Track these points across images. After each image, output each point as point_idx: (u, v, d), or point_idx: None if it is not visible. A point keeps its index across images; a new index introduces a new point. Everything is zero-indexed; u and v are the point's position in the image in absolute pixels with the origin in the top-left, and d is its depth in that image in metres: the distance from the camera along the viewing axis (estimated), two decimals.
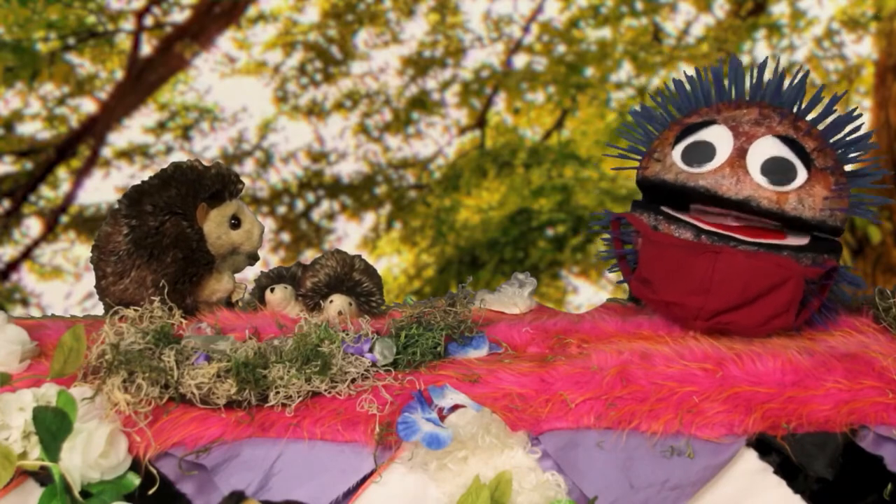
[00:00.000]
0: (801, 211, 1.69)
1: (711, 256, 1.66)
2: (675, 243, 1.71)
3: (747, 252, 1.67)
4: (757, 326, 1.66)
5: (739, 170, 1.69)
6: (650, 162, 1.79)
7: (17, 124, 7.09)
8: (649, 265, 1.73)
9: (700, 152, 1.73)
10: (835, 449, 1.49)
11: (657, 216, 1.75)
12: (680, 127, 1.79)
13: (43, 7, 7.01)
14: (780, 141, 1.71)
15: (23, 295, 6.95)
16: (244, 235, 1.83)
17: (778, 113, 1.75)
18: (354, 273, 1.79)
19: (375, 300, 1.80)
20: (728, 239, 1.69)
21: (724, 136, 1.73)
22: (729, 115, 1.76)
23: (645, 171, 1.80)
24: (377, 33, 7.58)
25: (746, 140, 1.71)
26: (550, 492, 1.46)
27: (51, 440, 1.46)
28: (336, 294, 1.78)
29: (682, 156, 1.74)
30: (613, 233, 1.84)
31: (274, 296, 1.81)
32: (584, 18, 7.47)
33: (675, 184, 1.73)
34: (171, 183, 1.77)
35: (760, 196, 1.68)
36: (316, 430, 1.51)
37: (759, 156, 1.70)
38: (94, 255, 1.79)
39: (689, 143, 1.74)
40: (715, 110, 1.78)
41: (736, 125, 1.74)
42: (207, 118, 7.53)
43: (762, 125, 1.73)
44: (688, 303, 1.67)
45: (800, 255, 1.70)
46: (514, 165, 7.22)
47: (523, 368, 1.60)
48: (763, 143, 1.71)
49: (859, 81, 7.03)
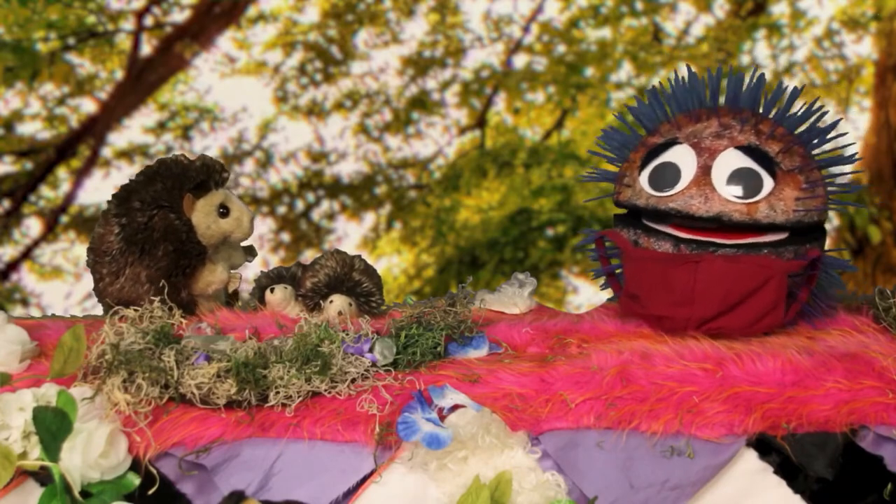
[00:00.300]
0: (773, 217, 1.69)
1: (691, 266, 1.67)
2: (654, 257, 1.71)
3: (727, 256, 1.67)
4: (747, 327, 1.67)
5: (706, 187, 1.70)
6: (622, 187, 1.80)
7: (17, 124, 7.10)
8: (634, 281, 1.74)
9: (666, 176, 1.73)
10: (835, 449, 1.49)
11: (636, 230, 1.76)
12: (645, 149, 1.79)
13: (43, 7, 7.01)
14: (742, 152, 1.71)
15: (23, 295, 6.96)
16: (234, 223, 1.83)
17: (738, 119, 1.75)
18: (354, 273, 1.79)
19: (375, 300, 1.80)
20: (707, 245, 1.69)
21: (688, 156, 1.73)
22: (690, 130, 1.76)
23: (619, 196, 1.81)
24: (377, 33, 7.59)
25: (709, 156, 1.72)
26: (550, 492, 1.46)
27: (51, 440, 1.46)
28: (336, 294, 1.78)
29: (649, 181, 1.75)
30: (598, 251, 1.85)
31: (274, 296, 1.81)
32: (584, 18, 7.48)
33: (648, 208, 1.74)
34: (156, 178, 1.78)
35: (731, 210, 1.69)
36: (316, 430, 1.51)
37: (724, 170, 1.70)
38: (89, 258, 1.79)
39: (654, 167, 1.75)
40: (675, 126, 1.78)
41: (697, 141, 1.74)
42: (207, 118, 7.53)
43: (723, 137, 1.73)
44: (675, 315, 1.67)
45: (780, 249, 1.70)
46: (514, 165, 7.22)
47: (523, 368, 1.60)
48: (726, 157, 1.71)
49: (859, 81, 7.03)
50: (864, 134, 6.62)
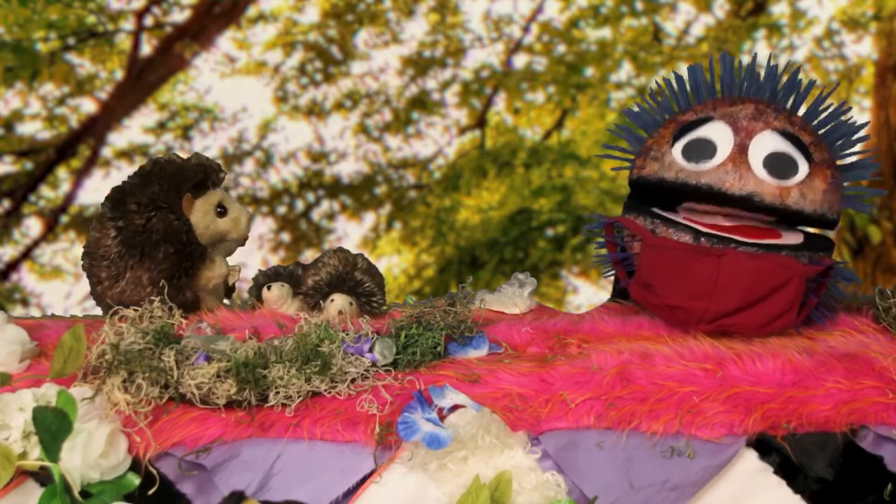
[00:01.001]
0: (802, 205, 1.69)
1: (715, 259, 1.66)
2: (676, 246, 1.70)
3: (749, 254, 1.67)
4: (760, 327, 1.66)
5: (742, 165, 1.69)
6: (646, 161, 1.78)
7: (17, 124, 7.10)
8: (650, 269, 1.72)
9: (701, 149, 1.72)
10: (835, 449, 1.49)
11: (653, 220, 1.75)
12: (676, 125, 1.78)
13: (43, 7, 7.01)
14: (780, 135, 1.72)
15: (23, 295, 6.96)
16: (231, 223, 1.82)
17: (773, 109, 1.76)
18: (356, 272, 1.79)
19: (376, 300, 1.80)
20: (728, 241, 1.69)
21: (724, 133, 1.73)
22: (725, 111, 1.76)
23: (641, 170, 1.79)
24: (377, 33, 7.59)
25: (746, 136, 1.71)
26: (550, 492, 1.46)
27: (51, 440, 1.46)
28: (337, 293, 1.78)
29: (682, 153, 1.73)
30: (607, 237, 1.83)
31: (271, 293, 1.81)
32: (584, 18, 7.48)
33: (676, 182, 1.72)
34: (151, 179, 1.77)
35: (764, 191, 1.68)
36: (316, 430, 1.51)
37: (761, 151, 1.70)
38: (85, 261, 1.78)
39: (688, 141, 1.74)
40: (710, 107, 1.78)
41: (734, 121, 1.73)
42: (207, 118, 7.54)
43: (759, 120, 1.73)
44: (691, 307, 1.66)
45: (797, 253, 1.70)
46: (514, 165, 7.22)
47: (523, 368, 1.59)
48: (763, 137, 1.71)
49: (859, 81, 7.03)
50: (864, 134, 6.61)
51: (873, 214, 6.03)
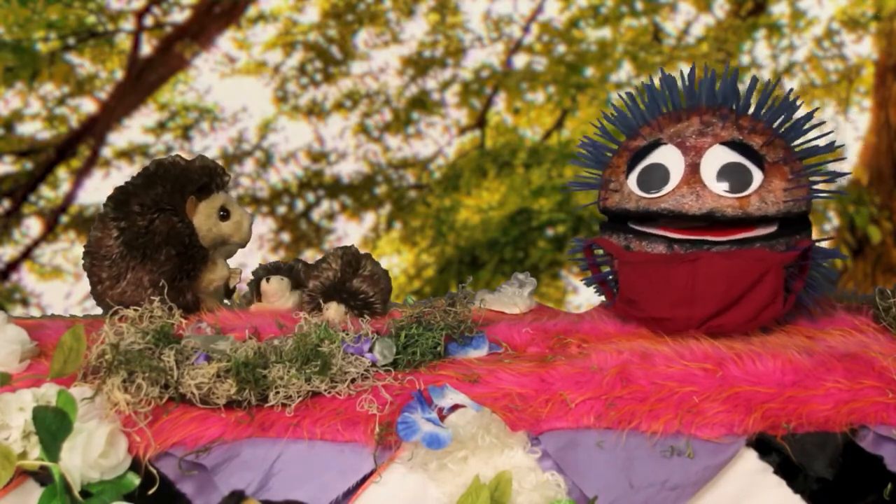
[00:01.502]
0: (765, 209, 1.69)
1: (689, 266, 1.67)
2: (650, 259, 1.71)
3: (723, 253, 1.68)
4: (748, 322, 1.67)
5: (697, 185, 1.70)
6: (608, 193, 1.80)
7: (17, 124, 7.10)
8: (629, 285, 1.73)
9: (654, 177, 1.73)
10: (835, 449, 1.49)
11: (626, 235, 1.75)
12: (628, 153, 1.79)
13: (43, 7, 7.01)
14: (728, 147, 1.72)
15: (23, 295, 6.96)
16: (234, 227, 1.83)
17: (719, 117, 1.75)
18: (356, 280, 1.77)
19: (373, 310, 1.78)
20: (700, 243, 1.69)
21: (674, 155, 1.73)
22: (672, 130, 1.76)
23: (605, 202, 1.81)
24: (377, 33, 7.59)
25: (696, 154, 1.72)
26: (550, 492, 1.46)
27: (51, 440, 1.46)
28: (332, 302, 1.77)
29: (637, 184, 1.74)
30: (588, 259, 1.84)
31: (269, 286, 1.81)
32: (584, 18, 7.48)
33: (639, 210, 1.74)
34: (155, 180, 1.77)
35: (723, 206, 1.69)
36: (316, 430, 1.51)
37: (713, 167, 1.70)
38: (86, 261, 1.78)
39: (641, 169, 1.75)
40: (657, 128, 1.78)
41: (682, 141, 1.74)
42: (207, 118, 7.54)
43: (707, 135, 1.73)
44: (675, 316, 1.67)
45: (772, 242, 1.70)
46: (514, 165, 7.22)
47: (523, 368, 1.60)
48: (712, 153, 1.71)
49: (859, 81, 7.03)
50: (864, 134, 6.62)
51: (873, 214, 6.04)
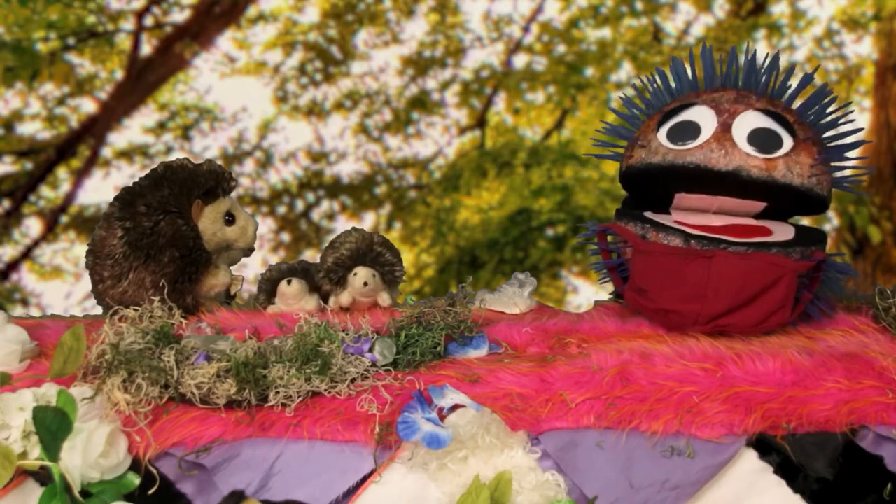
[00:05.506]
0: (790, 178, 1.70)
1: (705, 262, 1.67)
2: (666, 251, 1.71)
3: (739, 254, 1.67)
4: (754, 326, 1.67)
5: (727, 142, 1.71)
6: (634, 150, 1.80)
7: (17, 124, 7.10)
8: (642, 275, 1.73)
9: (685, 130, 1.75)
10: (835, 449, 1.49)
11: (643, 224, 1.75)
12: (660, 114, 1.80)
13: (43, 7, 7.01)
14: (762, 113, 1.73)
15: (23, 295, 6.96)
16: (239, 232, 1.83)
17: (754, 94, 1.78)
18: (375, 246, 1.82)
19: (398, 270, 1.84)
20: (717, 242, 1.69)
21: (707, 114, 1.75)
22: (708, 97, 1.79)
23: (630, 160, 1.81)
24: (377, 33, 7.59)
25: (729, 116, 1.74)
26: (550, 492, 1.46)
27: (51, 440, 1.46)
28: (360, 266, 1.79)
29: (667, 136, 1.75)
30: (600, 244, 1.84)
31: (291, 287, 1.81)
32: (584, 18, 7.48)
33: (663, 164, 1.74)
34: (163, 182, 1.77)
35: (750, 165, 1.69)
36: (316, 430, 1.51)
37: (745, 128, 1.72)
38: (88, 259, 1.78)
39: (673, 124, 1.76)
40: (693, 95, 1.81)
41: (716, 104, 1.76)
42: (207, 118, 7.53)
43: (742, 103, 1.76)
44: (685, 310, 1.67)
45: (788, 250, 1.70)
46: (514, 165, 7.22)
47: (523, 368, 1.60)
48: (746, 116, 1.74)
49: (859, 81, 7.03)
50: (864, 134, 6.61)
51: (873, 214, 6.04)
